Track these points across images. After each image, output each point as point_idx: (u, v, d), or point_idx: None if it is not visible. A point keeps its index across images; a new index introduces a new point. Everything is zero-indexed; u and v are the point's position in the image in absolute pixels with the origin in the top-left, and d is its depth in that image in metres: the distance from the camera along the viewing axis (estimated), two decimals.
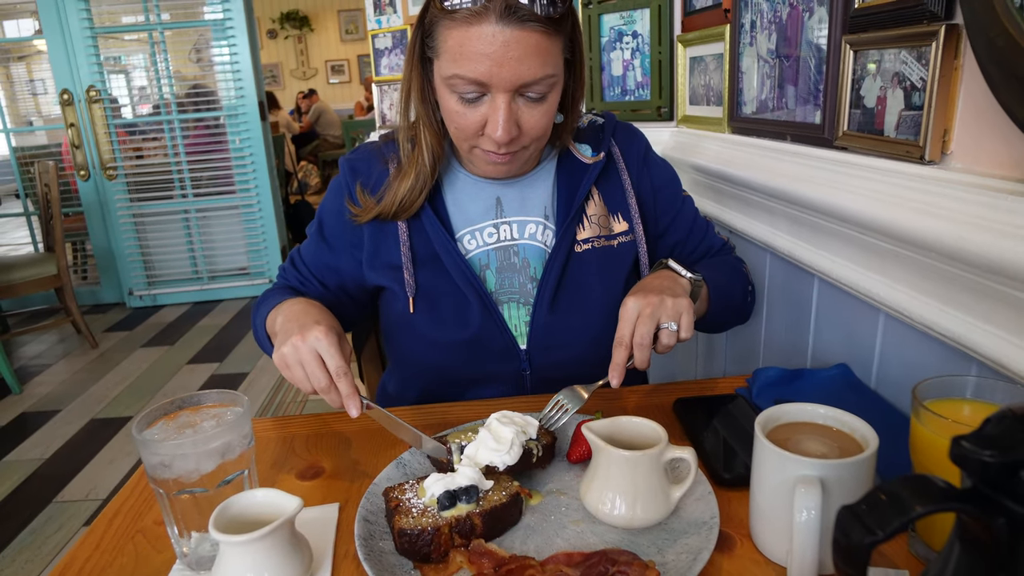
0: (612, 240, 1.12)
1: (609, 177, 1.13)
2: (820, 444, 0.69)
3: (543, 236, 1.11)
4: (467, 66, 0.90)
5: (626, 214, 1.13)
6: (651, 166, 1.16)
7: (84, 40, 4.43)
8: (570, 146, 1.13)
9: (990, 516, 0.38)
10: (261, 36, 11.45)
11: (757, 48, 1.32)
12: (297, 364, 0.86)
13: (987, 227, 0.71)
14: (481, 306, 1.07)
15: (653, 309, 0.89)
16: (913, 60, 0.88)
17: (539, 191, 1.12)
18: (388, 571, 0.69)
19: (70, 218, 4.88)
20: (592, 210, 1.11)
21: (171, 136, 4.68)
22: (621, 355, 0.89)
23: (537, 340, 1.08)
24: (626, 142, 1.15)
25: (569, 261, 1.09)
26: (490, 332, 1.07)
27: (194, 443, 0.71)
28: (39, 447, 3.02)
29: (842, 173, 1.01)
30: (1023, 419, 0.41)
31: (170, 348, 4.14)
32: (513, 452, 0.80)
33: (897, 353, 0.96)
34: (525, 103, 0.95)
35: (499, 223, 1.11)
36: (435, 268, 1.08)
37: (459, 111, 0.96)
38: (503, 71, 0.89)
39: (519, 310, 1.10)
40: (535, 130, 0.97)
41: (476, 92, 0.93)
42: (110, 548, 0.81)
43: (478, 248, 1.11)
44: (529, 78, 0.91)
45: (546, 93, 0.95)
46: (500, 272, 1.10)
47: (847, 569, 0.41)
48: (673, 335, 0.90)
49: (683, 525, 0.74)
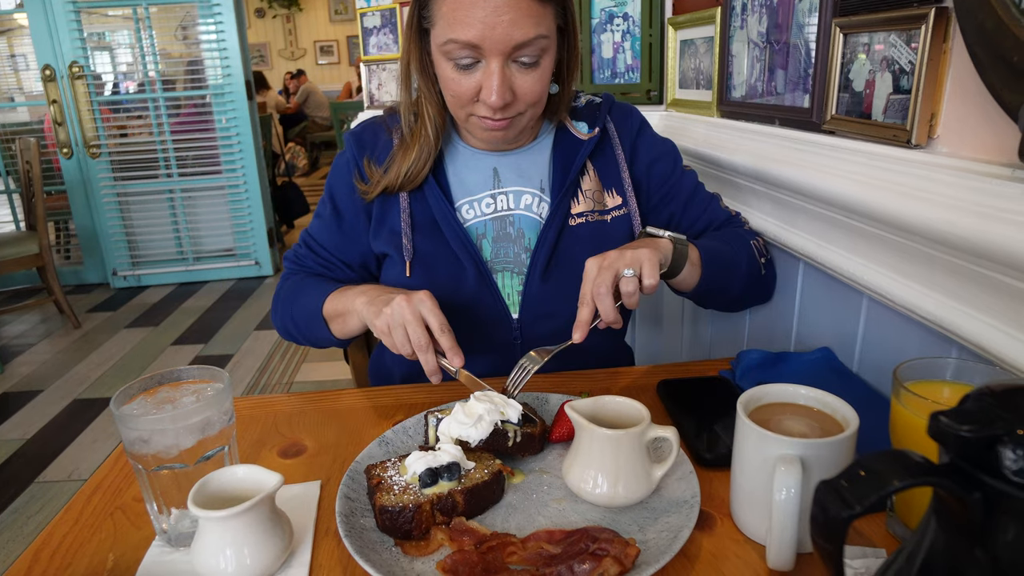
0: (606, 215, 1.13)
1: (604, 153, 1.15)
2: (801, 424, 0.70)
3: (538, 208, 1.13)
4: (460, 30, 0.92)
5: (620, 189, 1.15)
6: (645, 141, 1.18)
7: (67, 15, 4.34)
8: (567, 122, 1.15)
9: (967, 491, 0.38)
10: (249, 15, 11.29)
11: (747, 31, 1.31)
12: (400, 325, 0.91)
13: (972, 211, 0.71)
14: (476, 273, 1.09)
15: (611, 261, 0.90)
16: (902, 43, 0.88)
17: (536, 164, 1.15)
18: (369, 547, 0.69)
19: (53, 196, 4.81)
20: (587, 185, 1.13)
21: (156, 114, 4.61)
22: (583, 312, 0.90)
23: (529, 309, 1.11)
24: (621, 119, 1.18)
25: (563, 233, 1.11)
26: (484, 299, 1.10)
27: (173, 418, 0.71)
28: (21, 427, 2.99)
29: (829, 157, 1.01)
30: (1000, 396, 0.41)
31: (154, 329, 4.10)
32: (481, 427, 0.80)
33: (879, 336, 0.96)
34: (518, 68, 0.97)
35: (496, 193, 1.13)
36: (433, 235, 1.10)
37: (454, 78, 0.98)
38: (495, 33, 0.91)
39: (513, 279, 1.12)
40: (529, 95, 0.99)
41: (470, 57, 0.95)
42: (89, 524, 0.80)
43: (476, 218, 1.13)
44: (521, 39, 0.92)
45: (539, 57, 0.96)
46: (496, 242, 1.12)
47: (824, 544, 0.41)
48: (632, 281, 0.89)
49: (664, 504, 0.74)
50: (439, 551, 0.70)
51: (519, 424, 0.84)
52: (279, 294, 1.19)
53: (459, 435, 0.81)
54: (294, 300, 1.13)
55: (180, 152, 4.70)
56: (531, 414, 0.88)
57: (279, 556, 0.68)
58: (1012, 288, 0.69)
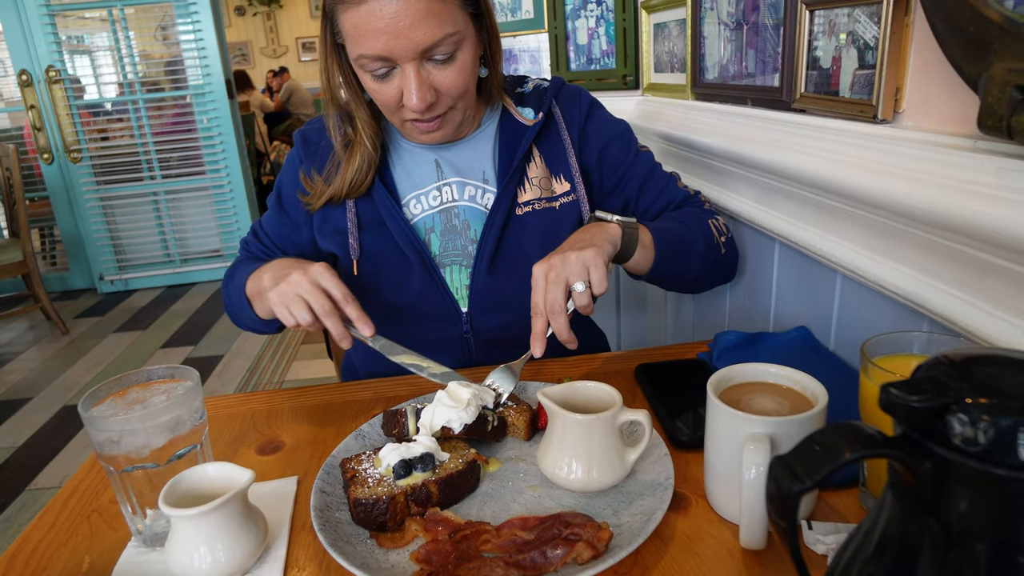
0: (554, 202, 1.12)
1: (551, 138, 1.13)
2: (772, 402, 0.70)
3: (483, 199, 1.12)
4: (366, 45, 0.92)
5: (568, 175, 1.13)
6: (595, 125, 1.15)
7: (40, 19, 4.30)
8: (511, 109, 1.13)
9: (917, 461, 0.39)
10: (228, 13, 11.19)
11: (718, 12, 1.31)
12: (296, 297, 0.91)
13: (934, 183, 0.71)
14: (423, 269, 1.09)
15: (558, 272, 0.88)
16: (866, 18, 0.87)
17: (479, 154, 1.13)
18: (343, 540, 0.69)
19: (36, 203, 4.77)
20: (533, 172, 1.12)
21: (136, 117, 4.57)
22: (538, 324, 0.89)
23: (477, 302, 1.11)
24: (568, 103, 1.15)
25: (508, 223, 1.10)
26: (431, 294, 1.10)
27: (142, 418, 0.70)
28: (10, 435, 2.97)
29: (800, 135, 1.01)
30: (955, 364, 0.41)
31: (143, 333, 4.08)
32: (470, 411, 0.80)
33: (854, 313, 0.97)
34: (434, 66, 0.95)
35: (441, 185, 1.12)
36: (379, 232, 1.10)
37: (376, 88, 0.98)
38: (399, 42, 0.90)
39: (461, 273, 1.11)
40: (453, 89, 0.98)
41: (384, 67, 0.94)
42: (65, 528, 0.79)
43: (423, 212, 1.12)
44: (428, 42, 0.91)
45: (453, 52, 0.95)
46: (444, 235, 1.11)
47: (778, 520, 0.41)
48: (584, 295, 0.88)
49: (639, 487, 0.74)
50: (414, 542, 0.69)
51: (494, 409, 0.84)
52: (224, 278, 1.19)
53: (447, 421, 0.81)
54: (229, 281, 1.13)
55: (163, 154, 4.67)
56: (517, 402, 0.89)
57: (253, 552, 0.68)
58: (975, 259, 0.69)
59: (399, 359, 0.95)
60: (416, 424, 0.83)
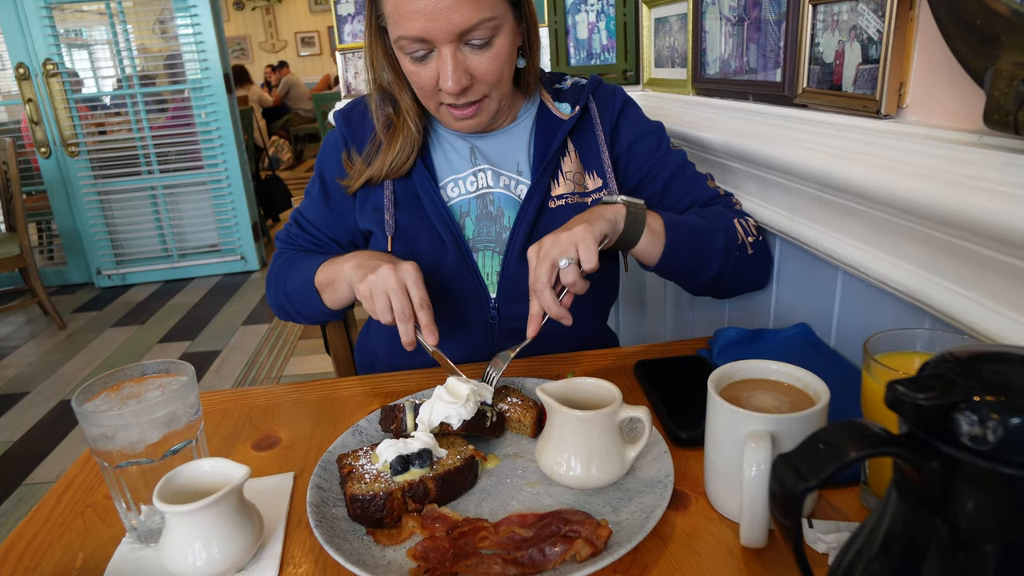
0: (586, 197, 1.12)
1: (586, 133, 1.14)
2: (773, 399, 0.69)
3: (516, 189, 1.12)
4: (406, 26, 0.93)
5: (600, 171, 1.13)
6: (628, 121, 1.16)
7: (38, 12, 4.27)
8: (548, 103, 1.14)
9: (924, 460, 0.38)
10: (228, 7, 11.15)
11: (719, 7, 1.30)
12: (383, 292, 0.91)
13: (938, 178, 0.70)
14: (456, 251, 1.09)
15: (547, 250, 0.89)
16: (870, 12, 0.87)
17: (514, 146, 1.14)
18: (340, 537, 0.68)
19: (33, 197, 4.75)
20: (568, 167, 1.12)
21: (135, 111, 4.55)
22: (533, 305, 0.90)
23: (506, 289, 1.11)
24: (604, 99, 1.16)
25: (541, 214, 1.10)
26: (462, 277, 1.10)
27: (136, 413, 0.69)
28: (7, 430, 2.96)
29: (801, 130, 1.00)
30: (962, 362, 0.40)
31: (140, 328, 4.07)
32: (469, 406, 0.80)
33: (855, 310, 0.96)
34: (471, 51, 0.96)
35: (477, 171, 1.13)
36: (415, 211, 1.10)
37: (414, 71, 0.99)
38: (437, 23, 0.91)
39: (493, 259, 1.11)
40: (488, 75, 0.98)
41: (423, 49, 0.96)
42: (59, 523, 0.79)
43: (460, 196, 1.12)
44: (465, 25, 0.92)
45: (490, 37, 0.96)
46: (479, 220, 1.12)
47: (782, 519, 0.40)
48: (570, 271, 0.87)
49: (638, 484, 0.74)
50: (411, 539, 0.69)
51: (492, 404, 0.84)
52: (271, 273, 1.19)
53: (446, 416, 0.80)
54: (287, 275, 1.14)
55: (161, 148, 4.64)
56: (523, 399, 0.88)
57: (249, 549, 0.67)
58: (979, 255, 0.68)
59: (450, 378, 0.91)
60: (414, 420, 0.82)
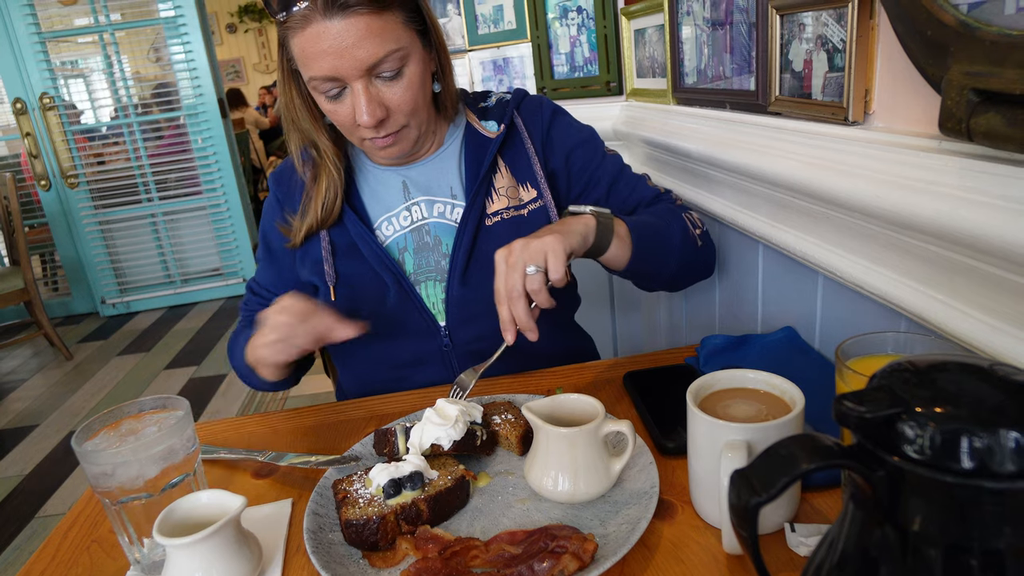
0: (522, 209, 1.13)
1: (514, 148, 1.15)
2: (751, 408, 0.71)
3: (452, 214, 1.13)
4: (315, 66, 0.94)
5: (534, 182, 1.14)
6: (560, 131, 1.17)
7: (32, 46, 4.33)
8: (474, 123, 1.15)
9: (871, 470, 0.40)
10: (220, 31, 11.23)
11: (694, 17, 1.32)
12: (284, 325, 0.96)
13: (901, 184, 0.72)
14: (398, 288, 1.10)
15: (516, 256, 0.88)
16: (833, 21, 0.89)
17: (444, 171, 1.15)
18: (336, 562, 0.70)
19: (35, 229, 4.80)
20: (500, 183, 1.13)
21: (131, 140, 4.60)
22: (503, 312, 0.89)
23: (454, 314, 1.12)
24: (530, 113, 1.17)
25: (479, 234, 1.11)
26: (409, 312, 1.11)
27: (135, 450, 0.72)
28: (18, 463, 2.99)
29: (776, 139, 1.02)
30: (919, 371, 0.41)
31: (146, 355, 4.10)
32: (459, 427, 0.81)
33: (836, 313, 0.98)
34: (383, 83, 0.98)
35: (410, 205, 1.14)
36: (354, 257, 1.12)
37: (331, 109, 1.01)
38: (344, 62, 0.93)
39: (436, 287, 1.13)
40: (403, 105, 1.00)
41: (335, 87, 0.97)
42: (65, 560, 0.81)
43: (395, 232, 1.14)
44: (372, 59, 0.93)
45: (400, 68, 0.97)
46: (417, 253, 1.13)
47: (740, 530, 0.42)
48: (536, 278, 0.87)
49: (626, 496, 0.75)
50: (405, 560, 0.71)
51: (482, 423, 0.86)
52: (228, 347, 1.22)
53: (436, 438, 0.82)
54: (233, 356, 1.17)
55: (159, 176, 4.69)
56: (515, 414, 0.90)
57: None
58: (944, 259, 0.70)
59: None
60: (406, 443, 0.84)
